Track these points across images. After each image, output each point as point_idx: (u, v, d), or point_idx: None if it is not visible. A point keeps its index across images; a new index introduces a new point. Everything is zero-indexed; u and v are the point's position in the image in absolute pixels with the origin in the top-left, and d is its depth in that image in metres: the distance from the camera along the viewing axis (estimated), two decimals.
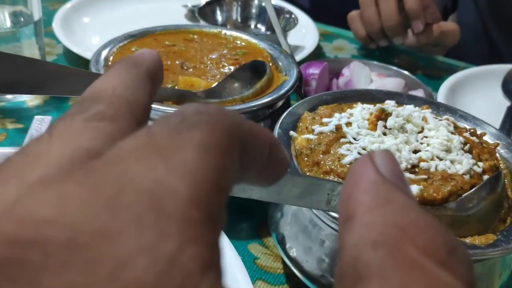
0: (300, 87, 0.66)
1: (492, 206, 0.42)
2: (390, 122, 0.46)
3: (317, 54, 0.98)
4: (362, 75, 0.67)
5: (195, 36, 0.67)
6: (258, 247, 0.54)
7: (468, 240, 0.38)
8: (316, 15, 1.24)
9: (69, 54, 0.86)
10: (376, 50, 1.00)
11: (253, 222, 0.56)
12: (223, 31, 0.69)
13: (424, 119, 0.49)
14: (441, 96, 0.78)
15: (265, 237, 0.54)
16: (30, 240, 0.10)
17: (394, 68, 0.72)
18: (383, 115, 0.47)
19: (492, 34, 1.13)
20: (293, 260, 0.45)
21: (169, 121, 0.14)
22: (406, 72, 0.71)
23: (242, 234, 0.55)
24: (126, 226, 0.11)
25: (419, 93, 0.66)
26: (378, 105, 0.48)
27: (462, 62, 1.01)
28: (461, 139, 0.46)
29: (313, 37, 0.94)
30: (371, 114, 0.48)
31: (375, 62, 0.73)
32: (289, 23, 0.90)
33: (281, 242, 0.46)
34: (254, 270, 0.51)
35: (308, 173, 0.44)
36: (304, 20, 1.00)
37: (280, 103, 0.58)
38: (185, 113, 0.14)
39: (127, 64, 0.21)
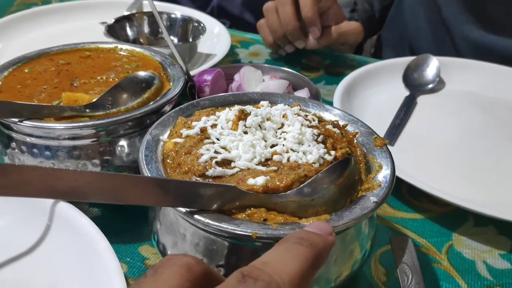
0: (194, 95, 0.70)
1: (339, 189, 0.46)
2: (249, 121, 0.50)
3: (233, 61, 1.03)
4: (253, 78, 0.71)
5: (90, 53, 0.70)
6: (149, 248, 0.57)
7: (302, 221, 0.42)
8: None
9: None
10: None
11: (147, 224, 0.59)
12: (119, 46, 0.72)
13: (285, 116, 0.53)
14: (338, 91, 0.83)
15: None
16: None
17: (286, 69, 0.76)
18: (243, 116, 0.51)
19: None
20: (166, 255, 0.48)
21: None
22: (295, 72, 0.75)
23: (134, 237, 0.58)
24: None
25: (303, 92, 0.70)
26: (238, 107, 0.52)
27: (372, 59, 1.06)
28: (315, 131, 0.50)
29: (225, 44, 0.98)
30: (235, 115, 0.51)
31: (266, 65, 0.77)
32: (198, 32, 0.93)
33: (156, 239, 0.49)
34: (142, 270, 0.54)
35: (170, 174, 0.47)
36: (217, 29, 1.04)
37: (167, 109, 0.61)
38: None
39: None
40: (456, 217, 0.63)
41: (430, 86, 0.92)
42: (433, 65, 0.94)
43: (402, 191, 0.67)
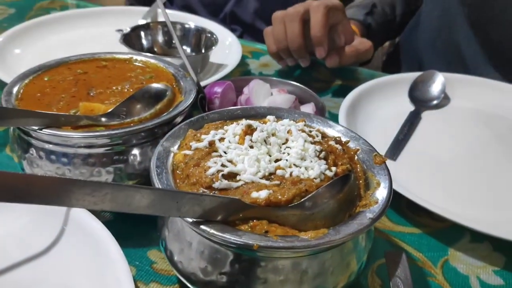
0: (204, 106, 0.73)
1: (339, 204, 0.49)
2: (255, 136, 0.53)
3: (243, 71, 1.05)
4: (261, 92, 0.74)
5: (107, 63, 0.73)
6: (157, 253, 0.60)
7: (301, 234, 0.44)
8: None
9: (2, 84, 0.92)
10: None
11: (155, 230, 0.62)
12: (134, 57, 0.75)
13: (289, 132, 0.55)
14: (344, 104, 0.85)
15: None
16: None
17: (294, 83, 0.79)
18: (249, 130, 0.54)
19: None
20: (172, 261, 0.51)
21: None
22: (303, 87, 0.78)
23: (144, 242, 0.61)
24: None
25: (309, 106, 0.73)
26: (246, 121, 0.55)
27: (379, 72, 1.09)
28: (317, 147, 0.53)
29: (236, 56, 1.01)
30: (242, 130, 0.54)
31: (275, 78, 0.80)
32: (210, 42, 0.96)
33: (164, 246, 0.52)
34: (150, 273, 0.57)
35: (179, 184, 0.50)
36: (229, 40, 1.07)
37: (179, 120, 0.64)
38: None
39: None
40: (453, 232, 0.65)
41: (435, 102, 0.94)
42: (438, 81, 0.96)
43: (402, 206, 0.69)
